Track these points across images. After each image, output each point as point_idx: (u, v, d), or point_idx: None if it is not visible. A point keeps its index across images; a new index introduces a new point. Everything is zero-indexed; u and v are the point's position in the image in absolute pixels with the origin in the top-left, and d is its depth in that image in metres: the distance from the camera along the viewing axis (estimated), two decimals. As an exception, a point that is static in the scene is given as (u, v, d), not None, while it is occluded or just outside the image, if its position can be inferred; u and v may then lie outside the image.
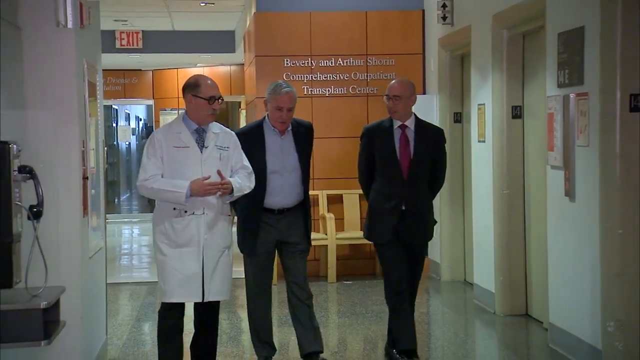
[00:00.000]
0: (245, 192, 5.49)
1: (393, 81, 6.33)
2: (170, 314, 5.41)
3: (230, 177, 5.41)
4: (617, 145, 5.88)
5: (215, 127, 5.48)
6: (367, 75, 10.50)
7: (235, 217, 6.10)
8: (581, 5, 6.33)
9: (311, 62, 10.45)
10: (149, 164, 5.26)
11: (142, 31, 15.45)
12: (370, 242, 6.90)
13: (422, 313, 7.43)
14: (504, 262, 8.07)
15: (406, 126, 6.12)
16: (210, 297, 5.33)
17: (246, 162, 5.58)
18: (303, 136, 6.12)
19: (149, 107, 20.14)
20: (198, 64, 18.02)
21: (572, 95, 6.37)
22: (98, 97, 6.59)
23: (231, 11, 12.88)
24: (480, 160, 6.62)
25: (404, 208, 6.07)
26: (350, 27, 10.40)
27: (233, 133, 5.66)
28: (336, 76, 10.37)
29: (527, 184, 7.98)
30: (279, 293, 8.08)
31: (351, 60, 10.51)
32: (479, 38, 8.62)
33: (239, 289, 9.47)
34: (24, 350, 4.83)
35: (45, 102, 5.34)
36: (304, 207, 6.15)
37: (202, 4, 12.33)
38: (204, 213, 5.28)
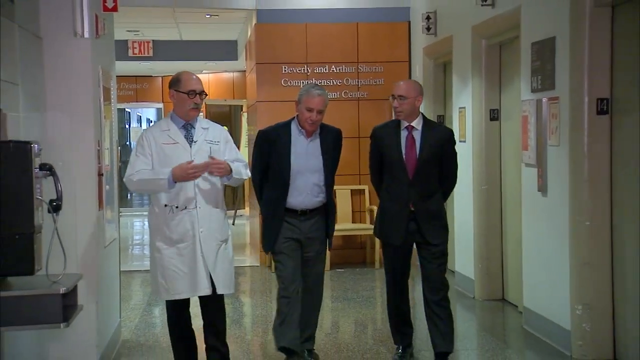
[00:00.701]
0: (244, 178, 5.26)
1: (400, 81, 5.73)
2: (178, 312, 5.08)
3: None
4: (585, 145, 5.95)
5: (204, 123, 5.22)
6: (357, 81, 10.49)
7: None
8: (552, 18, 6.35)
9: (307, 69, 10.44)
10: (137, 160, 4.96)
11: (153, 41, 15.44)
12: (369, 235, 7.00)
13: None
14: (483, 251, 8.11)
15: (413, 127, 5.57)
16: (219, 290, 4.97)
17: (240, 155, 5.30)
18: (330, 141, 5.66)
19: (158, 110, 20.12)
20: (204, 71, 18.01)
21: (544, 100, 6.43)
22: (112, 101, 6.60)
23: (234, 22, 12.86)
24: (461, 159, 6.57)
25: (412, 209, 5.53)
26: (343, 37, 10.38)
27: (224, 128, 5.31)
28: (329, 82, 10.34)
29: (504, 180, 8.02)
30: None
31: (343, 67, 10.51)
32: (459, 47, 8.63)
33: (240, 277, 9.59)
34: (45, 331, 4.86)
35: (64, 106, 5.35)
36: (326, 210, 5.69)
37: (207, 16, 12.30)
38: (196, 207, 4.94)
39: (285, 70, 10.33)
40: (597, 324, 5.94)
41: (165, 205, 4.91)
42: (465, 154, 8.11)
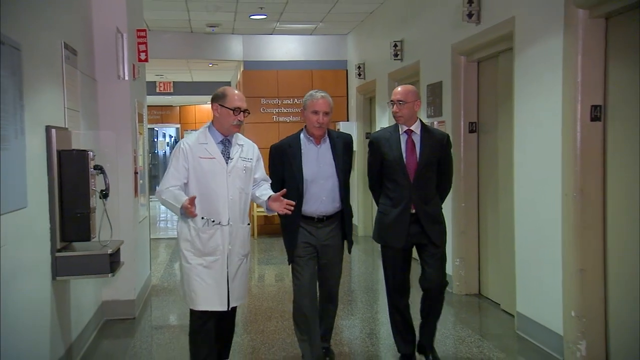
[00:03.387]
0: None
1: (397, 87, 4.29)
2: (202, 321, 3.70)
3: (255, 187, 3.87)
4: (462, 154, 5.99)
5: (240, 139, 3.83)
6: (312, 110, 10.53)
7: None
8: (440, 69, 6.37)
9: (278, 101, 10.42)
10: (168, 175, 3.66)
11: (173, 82, 15.38)
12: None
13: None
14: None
15: (412, 131, 4.12)
16: (232, 303, 3.73)
17: (265, 174, 3.97)
18: (341, 146, 4.12)
19: (177, 129, 20.02)
20: (208, 102, 17.92)
21: (436, 122, 6.42)
22: (144, 122, 6.58)
23: (228, 69, 12.85)
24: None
25: (413, 211, 4.04)
26: (302, 80, 10.36)
27: (256, 145, 3.91)
28: (293, 109, 10.34)
29: None
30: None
31: (302, 100, 10.53)
32: (380, 87, 8.63)
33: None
34: (98, 280, 4.88)
35: (111, 126, 5.35)
36: (343, 216, 4.13)
37: (210, 65, 12.26)
38: (229, 224, 3.65)
39: (263, 102, 10.33)
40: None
41: (202, 218, 3.62)
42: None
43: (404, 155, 4.06)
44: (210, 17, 9.24)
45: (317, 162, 4.02)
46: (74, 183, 3.86)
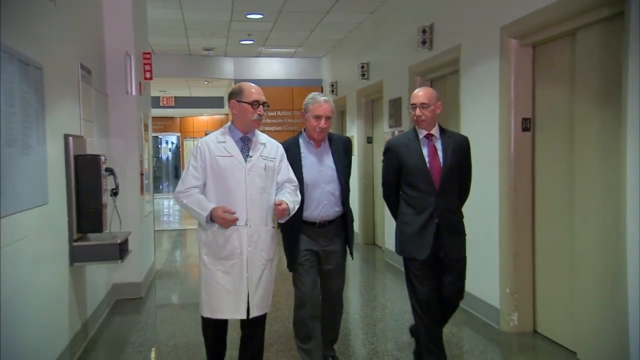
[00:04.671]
0: (297, 208, 3.11)
1: (417, 90, 3.41)
2: (213, 328, 3.09)
3: (278, 190, 3.08)
4: None
5: (262, 137, 3.10)
6: (293, 120, 10.50)
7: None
8: (398, 86, 6.38)
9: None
10: (187, 175, 2.98)
11: (174, 97, 15.28)
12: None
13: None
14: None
15: (432, 135, 3.32)
16: (253, 313, 2.98)
17: (292, 175, 3.15)
18: (341, 149, 3.42)
19: (178, 137, 19.90)
20: (204, 114, 17.87)
21: (396, 131, 6.41)
22: (149, 131, 6.54)
23: (221, 86, 12.80)
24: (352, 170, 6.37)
25: (437, 221, 3.24)
26: (284, 95, 10.39)
27: (280, 145, 3.17)
28: (277, 120, 10.38)
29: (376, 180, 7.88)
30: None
31: (285, 112, 10.51)
32: (350, 102, 8.65)
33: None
34: (109, 265, 4.86)
35: (120, 134, 5.31)
36: (344, 220, 3.41)
37: (205, 82, 12.22)
38: (247, 225, 2.94)
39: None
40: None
41: None
42: (354, 166, 8.21)
43: (426, 161, 3.26)
44: (205, 42, 9.22)
45: (317, 166, 3.33)
46: (88, 183, 3.85)
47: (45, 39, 3.37)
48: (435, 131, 3.35)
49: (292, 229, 3.29)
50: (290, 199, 3.03)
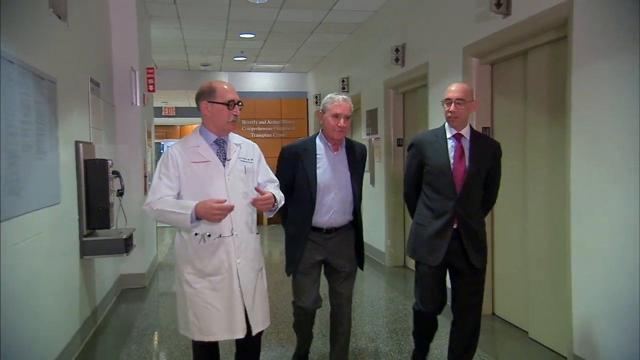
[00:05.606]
0: (282, 204, 2.52)
1: (452, 85, 2.79)
2: (206, 351, 2.47)
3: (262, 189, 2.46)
4: (392, 162, 6.03)
5: (237, 139, 2.50)
6: (281, 128, 10.52)
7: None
8: (376, 98, 6.41)
9: (255, 122, 10.40)
10: (160, 184, 2.34)
11: (175, 107, 15.18)
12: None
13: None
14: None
15: (462, 135, 2.75)
16: (257, 329, 2.41)
17: (272, 175, 2.61)
18: (357, 155, 2.89)
19: (178, 143, 19.86)
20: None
21: (373, 138, 6.46)
22: (152, 138, 6.53)
23: (218, 97, 12.80)
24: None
25: (455, 226, 2.70)
26: (274, 106, 10.40)
27: (256, 145, 2.58)
28: (267, 128, 10.38)
29: None
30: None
31: (274, 121, 10.51)
32: None
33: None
34: (116, 258, 4.83)
35: (126, 140, 5.29)
36: (354, 228, 2.89)
37: (203, 94, 12.22)
38: (232, 234, 2.35)
39: (244, 123, 10.27)
40: (396, 248, 5.88)
41: (196, 234, 2.34)
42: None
43: (451, 162, 2.71)
44: (203, 59, 9.20)
45: (332, 170, 2.81)
46: (96, 184, 3.84)
47: (58, 55, 3.36)
48: (465, 132, 2.76)
49: (299, 232, 2.79)
50: (276, 193, 2.46)
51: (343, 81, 7.73)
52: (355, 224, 2.89)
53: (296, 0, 5.88)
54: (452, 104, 2.74)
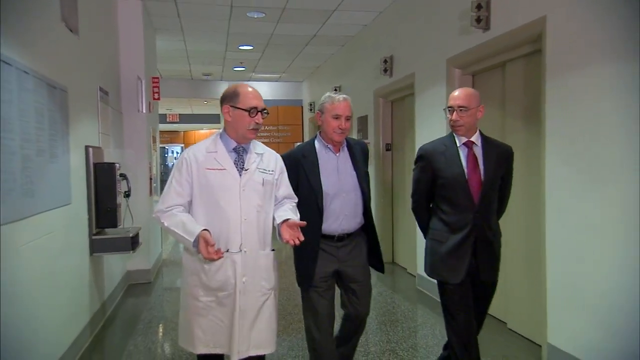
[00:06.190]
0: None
1: (456, 91, 2.50)
2: None
3: (276, 204, 2.19)
4: (381, 165, 6.03)
5: (259, 147, 2.20)
6: (278, 134, 10.53)
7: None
8: (366, 105, 6.40)
9: (254, 128, 10.45)
10: (170, 192, 2.08)
11: (179, 114, 15.16)
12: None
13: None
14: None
15: (473, 142, 2.43)
16: (251, 351, 2.07)
17: (292, 191, 2.27)
18: (359, 154, 2.52)
19: (181, 147, 19.67)
20: (203, 128, 17.73)
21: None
22: (157, 143, 6.52)
23: (218, 105, 12.72)
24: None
25: (474, 240, 2.37)
26: (271, 113, 10.34)
27: (279, 156, 2.29)
28: (265, 133, 10.37)
29: None
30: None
31: (271, 127, 10.52)
32: None
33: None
34: (123, 255, 4.81)
35: (132, 145, 5.28)
36: (367, 232, 2.51)
37: (205, 102, 12.16)
38: (241, 251, 2.06)
39: (243, 128, 10.33)
40: (384, 246, 5.60)
41: None
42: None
43: (465, 171, 2.36)
44: (204, 69, 9.20)
45: (337, 173, 2.44)
46: (105, 186, 3.84)
47: (70, 65, 3.37)
48: (476, 138, 2.42)
49: (309, 242, 2.21)
50: (296, 218, 2.11)
51: (335, 90, 7.73)
52: (368, 226, 2.50)
53: (292, 14, 5.91)
54: (454, 112, 2.40)
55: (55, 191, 2.97)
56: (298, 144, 2.83)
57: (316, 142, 2.50)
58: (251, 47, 7.58)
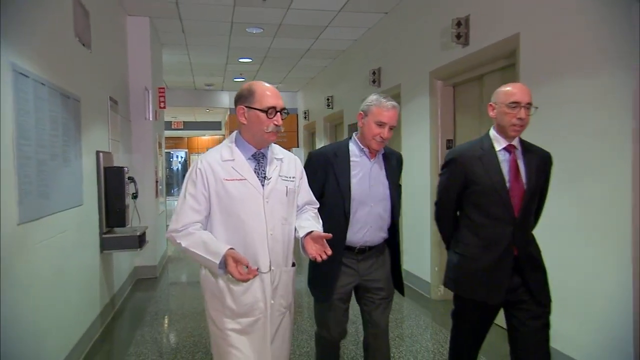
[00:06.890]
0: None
1: (516, 84, 1.89)
2: None
3: (298, 212, 1.80)
4: None
5: (278, 151, 1.78)
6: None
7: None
8: (355, 113, 6.37)
9: (253, 134, 10.41)
10: (184, 208, 1.64)
11: (183, 121, 15.11)
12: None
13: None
14: None
15: (514, 147, 1.88)
16: None
17: (312, 196, 1.86)
18: (395, 164, 2.13)
19: (185, 152, 19.64)
20: (206, 135, 17.69)
21: None
22: (162, 148, 6.50)
23: (220, 114, 12.72)
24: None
25: (515, 255, 1.84)
26: (269, 121, 10.43)
27: (298, 159, 1.84)
28: (263, 140, 10.40)
29: None
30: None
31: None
32: (318, 126, 8.63)
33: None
34: (131, 252, 4.77)
35: (140, 150, 5.26)
36: (390, 246, 2.14)
37: (207, 110, 12.12)
38: (271, 270, 1.65)
39: (243, 135, 10.30)
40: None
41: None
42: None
43: (506, 179, 1.87)
44: (207, 79, 9.20)
45: (368, 180, 2.05)
46: (114, 188, 3.83)
47: (82, 77, 3.37)
48: (516, 142, 1.93)
49: (333, 255, 1.72)
50: (320, 229, 1.75)
51: (328, 99, 7.78)
52: (392, 242, 2.13)
53: (288, 30, 5.94)
54: (522, 109, 1.83)
55: (68, 193, 2.97)
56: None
57: (351, 143, 2.10)
58: (250, 60, 7.60)
